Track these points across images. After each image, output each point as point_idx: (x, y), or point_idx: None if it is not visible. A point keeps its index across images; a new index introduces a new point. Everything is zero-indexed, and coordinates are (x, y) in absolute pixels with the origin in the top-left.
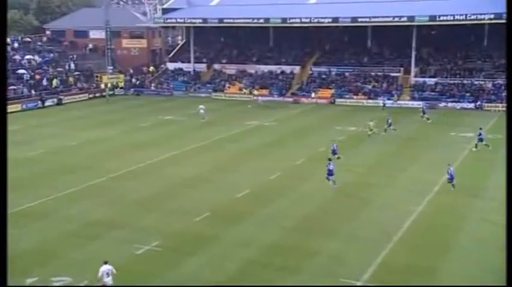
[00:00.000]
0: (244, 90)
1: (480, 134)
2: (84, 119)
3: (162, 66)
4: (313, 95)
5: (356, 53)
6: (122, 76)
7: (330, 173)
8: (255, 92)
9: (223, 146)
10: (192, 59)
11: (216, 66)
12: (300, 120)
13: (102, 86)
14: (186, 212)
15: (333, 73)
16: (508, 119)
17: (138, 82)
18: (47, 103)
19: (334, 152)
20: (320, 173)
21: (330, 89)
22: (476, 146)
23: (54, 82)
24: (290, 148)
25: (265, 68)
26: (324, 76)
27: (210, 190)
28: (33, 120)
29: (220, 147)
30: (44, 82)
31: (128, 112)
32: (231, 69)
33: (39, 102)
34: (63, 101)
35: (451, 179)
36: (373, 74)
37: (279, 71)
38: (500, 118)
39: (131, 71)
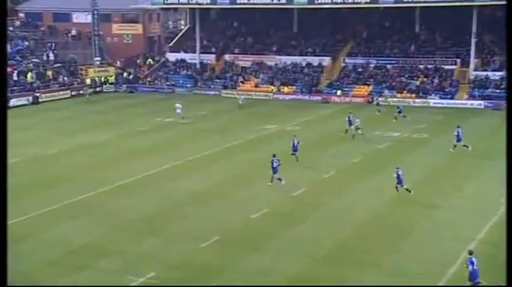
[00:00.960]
0: (272, 87)
1: (458, 134)
2: (67, 121)
3: (161, 57)
4: (340, 92)
5: (400, 41)
6: (112, 69)
7: (274, 170)
8: (284, 89)
9: (235, 156)
10: (197, 49)
11: (227, 57)
12: (329, 123)
13: (88, 81)
14: (191, 236)
15: (371, 66)
16: (508, 119)
17: (131, 77)
18: (20, 102)
19: (294, 149)
20: (354, 190)
21: (368, 85)
22: (454, 146)
23: (29, 76)
24: (317, 158)
25: (287, 60)
26: (360, 70)
27: (220, 209)
28: None
29: (232, 156)
30: (15, 76)
31: (120, 113)
32: (245, 61)
33: (9, 101)
34: (40, 100)
35: (399, 182)
36: (421, 66)
37: (304, 64)
38: None
39: (123, 63)
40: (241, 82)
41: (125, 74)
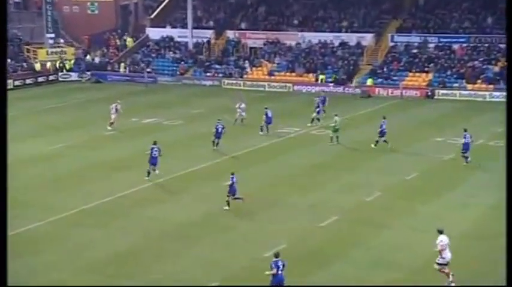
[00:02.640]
0: (321, 77)
1: (382, 126)
2: (9, 122)
3: (139, 34)
4: (371, 81)
5: (472, 12)
6: (70, 50)
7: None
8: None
9: (242, 170)
10: (189, 23)
11: (230, 34)
12: (372, 126)
13: (37, 66)
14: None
15: (431, 46)
16: (508, 118)
17: (97, 61)
18: None
19: (217, 135)
20: (412, 215)
21: (426, 72)
22: (376, 142)
23: None
24: (357, 173)
25: (313, 38)
26: (414, 51)
27: (221, 246)
28: None
29: (236, 170)
30: None
31: (81, 112)
32: (255, 39)
33: None
34: None
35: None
36: (502, 46)
37: (337, 43)
38: None
39: (87, 42)
40: (250, 69)
41: (88, 57)
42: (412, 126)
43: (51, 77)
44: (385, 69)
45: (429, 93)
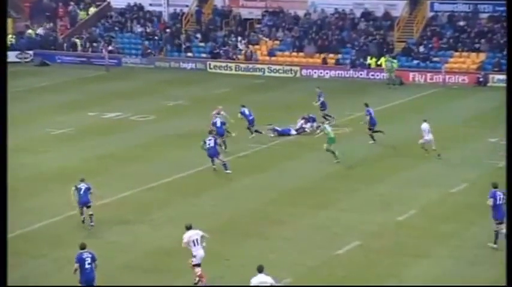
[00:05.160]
0: (386, 61)
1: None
2: None
3: (95, 1)
4: (394, 64)
5: None
6: (8, 23)
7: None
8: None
9: (232, 181)
10: None
11: (218, 0)
12: (404, 123)
13: None
14: None
15: (483, 17)
16: (508, 117)
17: (44, 37)
18: None
19: (219, 132)
20: (458, 240)
21: (477, 52)
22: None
23: None
24: (385, 185)
25: (327, 6)
26: (461, 24)
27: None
28: None
29: (223, 182)
30: None
31: (22, 105)
32: (251, 8)
33: None
34: None
35: None
36: None
37: (358, 13)
38: None
39: (29, 12)
40: (244, 47)
41: (30, 32)
42: (458, 123)
43: None
44: (422, 48)
45: (480, 79)
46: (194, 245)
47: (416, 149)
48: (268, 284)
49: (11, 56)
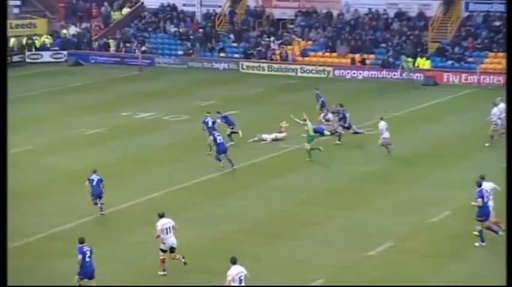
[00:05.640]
0: (403, 61)
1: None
2: None
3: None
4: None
5: None
6: (42, 23)
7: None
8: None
9: (263, 182)
10: None
11: (251, 1)
12: (437, 124)
13: None
14: None
15: None
16: (508, 117)
17: (78, 37)
18: None
19: (211, 131)
20: (493, 243)
21: None
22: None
23: None
24: (419, 187)
25: (361, 6)
26: (497, 24)
27: None
28: None
29: (255, 183)
30: None
31: (55, 104)
32: (284, 8)
33: None
34: None
35: None
36: None
37: (392, 13)
38: None
39: (64, 12)
40: (277, 47)
41: (65, 32)
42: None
43: (15, 58)
44: (456, 48)
45: None
46: (166, 233)
47: (451, 150)
48: (245, 273)
49: (46, 55)
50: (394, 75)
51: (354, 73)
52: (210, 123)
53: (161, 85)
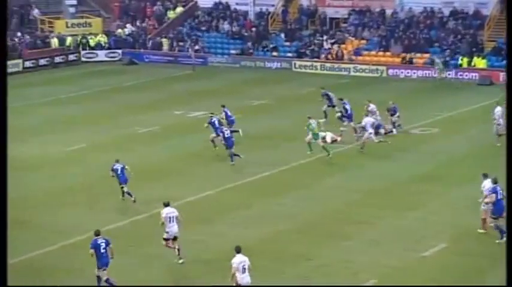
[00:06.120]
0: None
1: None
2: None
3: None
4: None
5: None
6: (97, 22)
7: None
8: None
9: (314, 181)
10: None
11: (304, 0)
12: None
13: (54, 42)
14: None
15: None
16: (508, 116)
17: (132, 36)
18: None
19: (218, 130)
20: None
21: None
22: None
23: None
24: (472, 187)
25: (415, 5)
26: None
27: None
28: None
29: (308, 181)
30: None
31: (110, 102)
32: (338, 7)
33: None
34: None
35: None
36: None
37: (447, 12)
38: None
39: (118, 11)
40: (328, 46)
41: (120, 31)
42: None
43: (71, 57)
44: None
45: None
46: (170, 221)
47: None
48: (248, 263)
49: (101, 55)
50: (449, 74)
51: (408, 73)
52: (216, 124)
53: (214, 84)
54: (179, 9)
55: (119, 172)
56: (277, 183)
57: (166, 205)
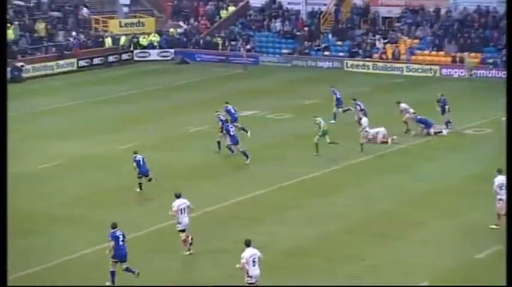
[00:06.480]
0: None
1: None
2: (66, 114)
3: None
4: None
5: None
6: (150, 22)
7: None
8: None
9: (369, 182)
10: None
11: None
12: None
13: (108, 42)
14: None
15: None
16: (508, 116)
17: (179, 34)
18: None
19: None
20: None
21: None
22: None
23: (9, 33)
24: None
25: (470, 4)
26: None
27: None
28: None
29: (355, 182)
30: None
31: (162, 102)
32: (391, 6)
33: None
34: (25, 75)
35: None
36: None
37: (502, 11)
38: None
39: (170, 11)
40: (382, 46)
41: (172, 30)
42: None
43: (124, 56)
44: None
45: None
46: (181, 213)
47: None
48: (259, 256)
49: (153, 54)
50: (504, 74)
51: (462, 72)
52: (223, 120)
53: (265, 83)
54: (231, 9)
55: (141, 163)
56: (328, 183)
57: (178, 196)
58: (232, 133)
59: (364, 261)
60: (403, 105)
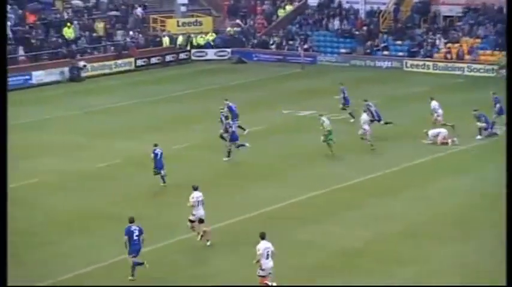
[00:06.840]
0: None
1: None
2: (121, 113)
3: None
4: None
5: None
6: (207, 21)
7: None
8: None
9: (429, 183)
10: None
11: None
12: None
13: (166, 41)
14: None
15: None
16: (508, 115)
17: (243, 35)
18: (48, 77)
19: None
20: None
21: None
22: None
23: (68, 31)
24: None
25: None
26: None
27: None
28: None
29: (418, 183)
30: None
31: (217, 102)
32: (452, 4)
33: (37, 72)
34: (84, 74)
35: None
36: None
37: None
38: None
39: (227, 10)
40: (444, 44)
41: (229, 29)
42: None
43: (181, 56)
44: None
45: None
46: (198, 205)
47: None
48: (272, 249)
49: (210, 53)
50: None
51: None
52: (223, 118)
53: (323, 83)
54: (289, 7)
55: (158, 156)
56: (388, 184)
57: (196, 188)
58: (233, 130)
59: (423, 264)
60: (434, 103)
